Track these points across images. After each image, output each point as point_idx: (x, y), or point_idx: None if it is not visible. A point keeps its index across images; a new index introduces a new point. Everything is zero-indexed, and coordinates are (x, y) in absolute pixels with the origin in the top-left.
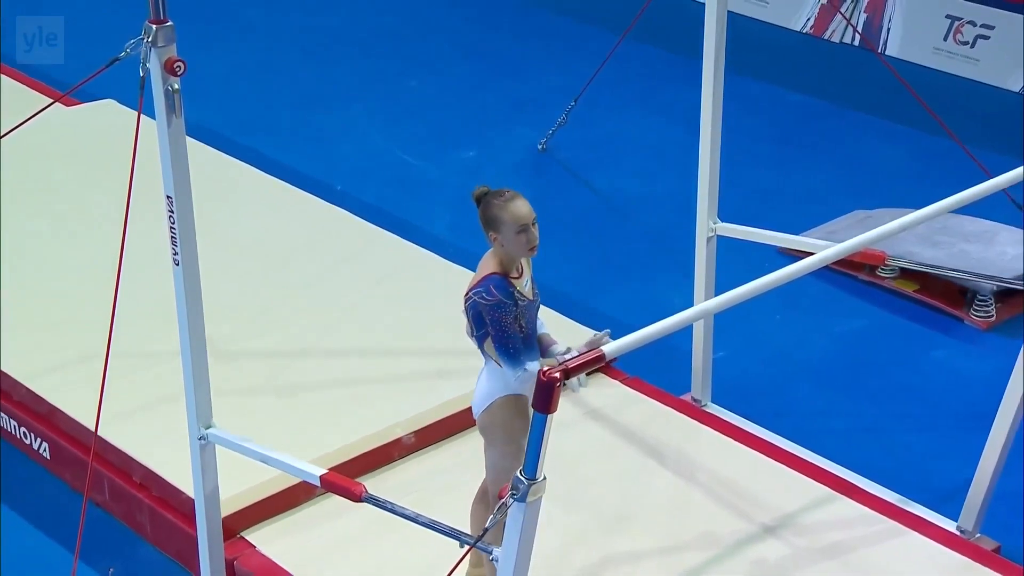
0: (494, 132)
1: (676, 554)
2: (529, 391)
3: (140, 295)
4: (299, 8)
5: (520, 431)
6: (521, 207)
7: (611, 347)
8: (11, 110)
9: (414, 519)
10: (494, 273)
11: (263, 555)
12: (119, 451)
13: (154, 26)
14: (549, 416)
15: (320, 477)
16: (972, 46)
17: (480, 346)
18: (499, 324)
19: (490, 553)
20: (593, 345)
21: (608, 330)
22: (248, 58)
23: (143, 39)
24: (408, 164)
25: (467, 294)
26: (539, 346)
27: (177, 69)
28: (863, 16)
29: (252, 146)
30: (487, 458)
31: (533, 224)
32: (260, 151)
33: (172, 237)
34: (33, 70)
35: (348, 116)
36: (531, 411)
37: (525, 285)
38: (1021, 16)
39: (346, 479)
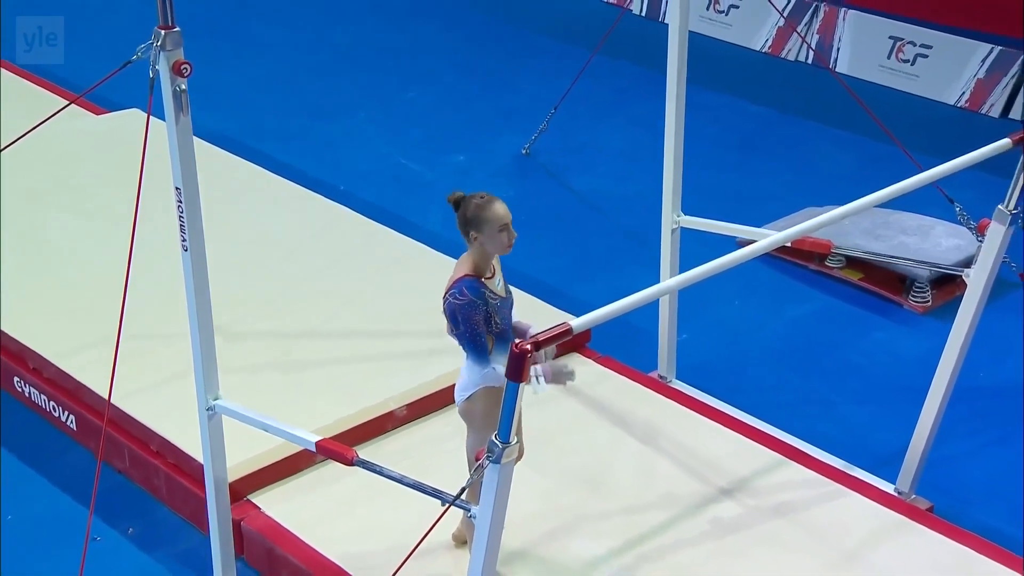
0: (483, 138)
1: (641, 514)
2: (498, 380)
3: (158, 283)
4: (309, 28)
5: (496, 420)
6: (500, 208)
7: (581, 321)
8: (27, 112)
9: (400, 480)
10: (466, 275)
11: (268, 516)
12: (138, 423)
13: (163, 31)
14: (521, 385)
15: (316, 443)
16: (912, 64)
17: (460, 343)
18: (469, 323)
19: (468, 511)
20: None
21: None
22: (262, 73)
23: (153, 43)
24: (405, 167)
25: (444, 296)
26: (515, 334)
27: (184, 71)
28: (816, 37)
29: (265, 151)
30: (468, 442)
31: (510, 223)
32: (272, 155)
33: (181, 225)
34: (46, 73)
35: (352, 124)
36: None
37: (497, 284)
38: (957, 37)
39: (339, 445)
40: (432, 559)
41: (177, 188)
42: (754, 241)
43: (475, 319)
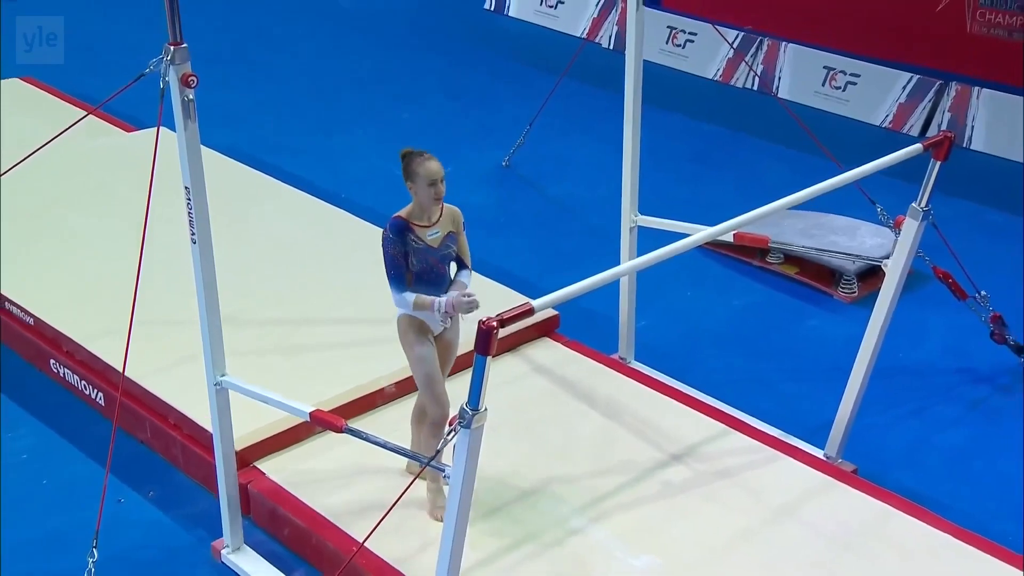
0: (468, 151)
1: (603, 477)
2: (425, 317)
3: (177, 278)
4: (315, 57)
5: (415, 341)
6: (432, 165)
7: (545, 299)
8: (57, 126)
9: (384, 445)
10: (397, 216)
11: (271, 480)
12: (158, 399)
13: (172, 47)
14: (488, 358)
15: (309, 413)
16: (844, 90)
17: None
18: (387, 254)
19: (443, 471)
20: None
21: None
22: (275, 96)
23: (163, 58)
24: (399, 177)
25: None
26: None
27: (191, 82)
28: (761, 66)
29: (276, 163)
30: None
31: (441, 181)
32: (282, 167)
33: (190, 220)
34: (78, 93)
35: (352, 139)
36: (424, 329)
37: (431, 234)
38: (882, 67)
39: (330, 415)
40: (413, 515)
41: (186, 187)
42: (705, 244)
43: (393, 252)
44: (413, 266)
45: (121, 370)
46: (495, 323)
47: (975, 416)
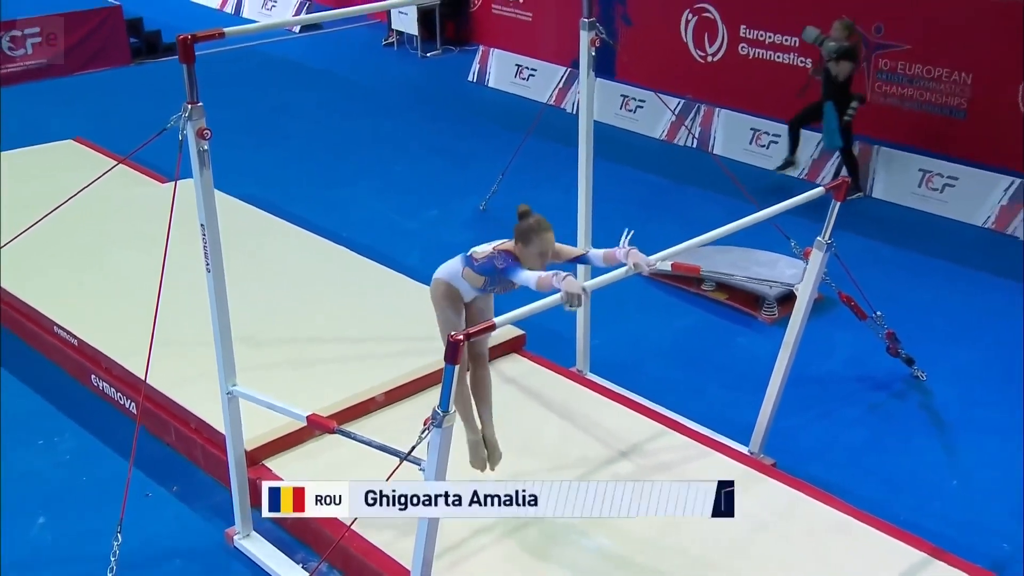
0: (451, 198)
1: (560, 471)
2: (459, 284)
3: (198, 305)
4: (324, 122)
5: (448, 306)
6: (548, 239)
7: (505, 317)
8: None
9: (368, 443)
10: (511, 253)
11: (278, 476)
12: (181, 407)
13: (189, 105)
14: (456, 366)
15: (307, 417)
16: (768, 148)
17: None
18: (485, 265)
19: (419, 465)
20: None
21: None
22: (291, 154)
23: (182, 115)
24: (394, 220)
25: (488, 253)
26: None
27: (206, 135)
28: (699, 128)
29: (289, 209)
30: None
31: (547, 252)
32: (296, 213)
33: (204, 252)
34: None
35: (355, 190)
36: (456, 296)
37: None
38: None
39: (324, 418)
40: None
41: (202, 224)
42: (654, 275)
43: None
44: (487, 285)
45: (143, 377)
46: (461, 336)
47: (873, 417)
